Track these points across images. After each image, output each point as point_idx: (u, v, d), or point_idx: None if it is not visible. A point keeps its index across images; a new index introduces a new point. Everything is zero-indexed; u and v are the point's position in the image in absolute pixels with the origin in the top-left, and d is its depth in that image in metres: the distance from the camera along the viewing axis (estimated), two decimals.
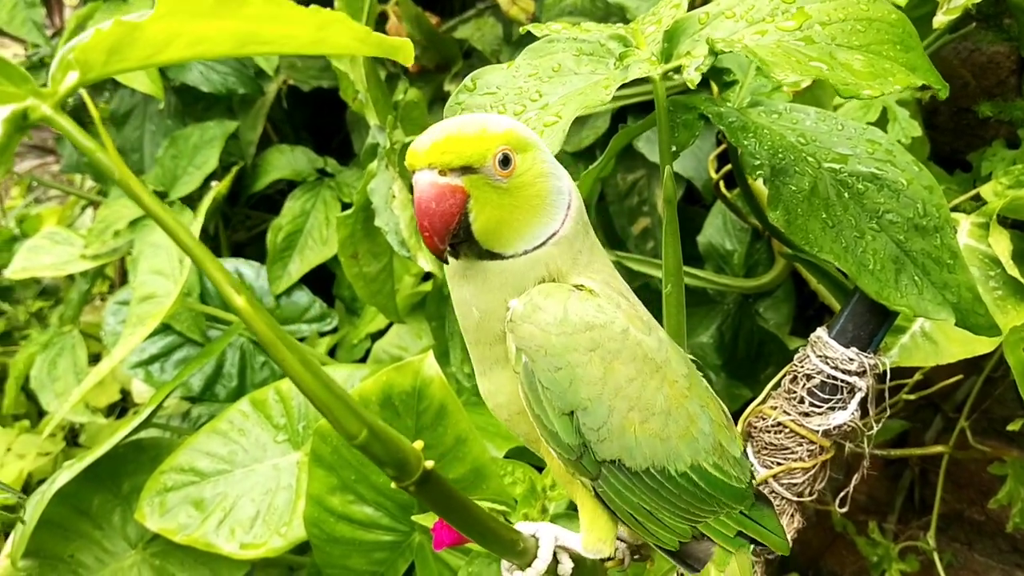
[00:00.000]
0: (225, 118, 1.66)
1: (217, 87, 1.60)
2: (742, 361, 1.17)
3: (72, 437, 1.88)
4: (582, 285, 0.52)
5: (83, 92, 0.39)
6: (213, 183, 1.57)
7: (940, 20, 0.79)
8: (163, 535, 1.11)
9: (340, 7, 1.18)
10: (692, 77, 0.58)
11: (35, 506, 1.12)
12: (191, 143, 1.58)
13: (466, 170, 0.48)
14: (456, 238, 0.49)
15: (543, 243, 0.51)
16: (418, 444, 0.47)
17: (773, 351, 1.16)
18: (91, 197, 1.80)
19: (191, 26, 0.36)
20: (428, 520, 0.84)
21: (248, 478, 1.15)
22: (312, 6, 0.38)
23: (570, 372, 0.51)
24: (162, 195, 1.56)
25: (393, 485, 0.48)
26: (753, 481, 0.61)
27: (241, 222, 1.87)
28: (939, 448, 1.13)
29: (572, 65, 0.65)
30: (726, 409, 0.61)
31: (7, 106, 0.35)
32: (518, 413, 0.54)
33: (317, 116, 1.82)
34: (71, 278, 1.95)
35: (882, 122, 0.94)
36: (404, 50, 0.42)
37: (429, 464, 0.47)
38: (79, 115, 1.69)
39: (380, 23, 1.42)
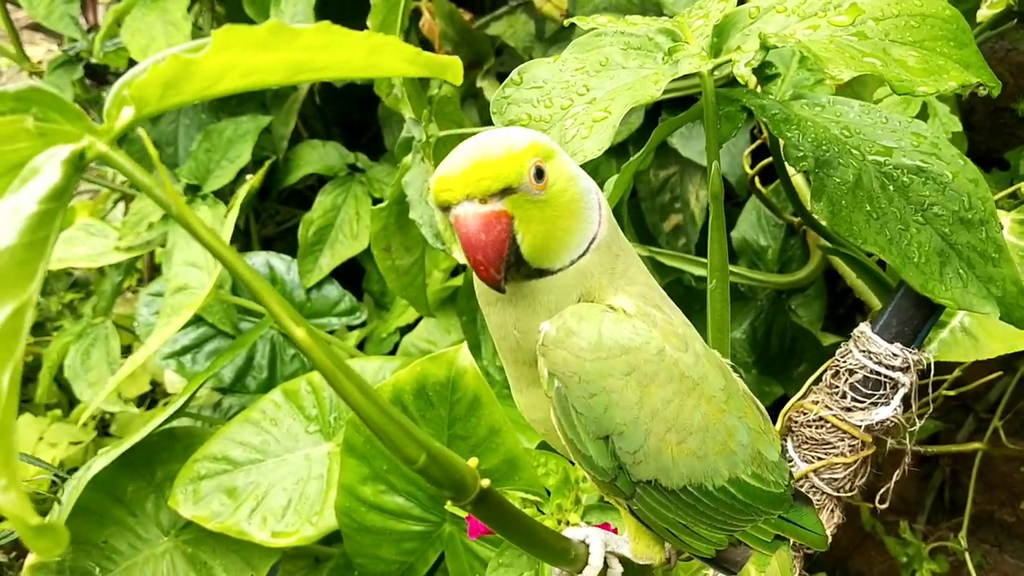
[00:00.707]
0: (258, 113, 1.67)
1: None
2: (774, 357, 1.16)
3: (103, 426, 1.91)
4: (615, 306, 0.51)
5: (142, 132, 0.38)
6: (246, 177, 1.59)
7: (984, 14, 0.79)
8: (196, 522, 1.12)
9: (376, 3, 1.19)
10: (743, 72, 0.58)
11: (71, 492, 1.13)
12: (225, 137, 1.59)
13: (505, 192, 0.46)
14: (507, 263, 0.47)
15: (586, 250, 0.50)
16: (472, 462, 0.47)
17: (806, 347, 1.15)
18: (123, 190, 1.82)
19: (245, 58, 0.36)
20: (460, 510, 0.84)
21: (280, 467, 1.16)
22: (365, 31, 0.37)
23: (605, 398, 0.49)
24: (195, 188, 1.58)
25: (448, 504, 0.48)
26: (792, 482, 0.60)
27: (271, 216, 1.89)
28: (975, 445, 1.12)
29: (620, 59, 0.64)
30: (764, 410, 0.60)
31: (65, 146, 0.34)
32: (555, 429, 0.53)
33: (348, 112, 1.83)
34: (101, 271, 1.97)
35: (920, 117, 0.93)
36: (453, 69, 0.41)
37: (485, 483, 0.47)
38: None
39: (413, 19, 1.43)
